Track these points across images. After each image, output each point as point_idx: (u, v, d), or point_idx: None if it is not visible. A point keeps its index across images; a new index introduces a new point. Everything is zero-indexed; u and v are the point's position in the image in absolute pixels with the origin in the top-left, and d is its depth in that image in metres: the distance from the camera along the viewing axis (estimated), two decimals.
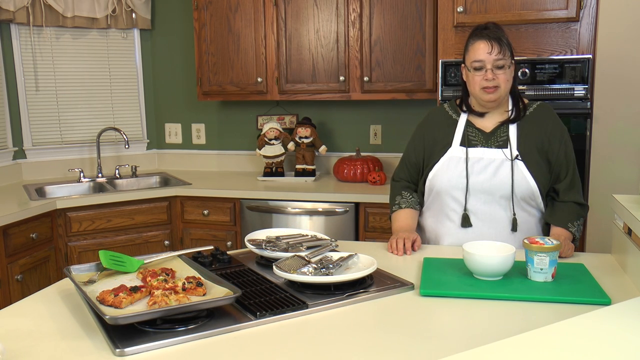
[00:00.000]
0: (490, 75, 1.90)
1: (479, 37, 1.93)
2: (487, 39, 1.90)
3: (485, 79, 1.91)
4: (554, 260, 1.59)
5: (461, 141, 2.02)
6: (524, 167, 1.94)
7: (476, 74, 1.93)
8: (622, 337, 1.05)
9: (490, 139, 1.99)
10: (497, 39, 1.90)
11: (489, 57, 1.90)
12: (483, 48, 1.91)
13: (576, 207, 1.97)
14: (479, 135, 2.01)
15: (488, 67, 1.90)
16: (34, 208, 2.89)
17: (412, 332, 1.33)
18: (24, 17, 3.53)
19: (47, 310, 1.48)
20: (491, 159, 1.97)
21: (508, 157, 1.96)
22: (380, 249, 2.01)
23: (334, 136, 3.81)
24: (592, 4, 2.61)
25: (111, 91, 3.97)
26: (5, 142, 3.63)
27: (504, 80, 1.92)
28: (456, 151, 2.01)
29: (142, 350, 1.24)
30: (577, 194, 1.99)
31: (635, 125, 2.61)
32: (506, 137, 1.98)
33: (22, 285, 2.81)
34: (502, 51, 1.89)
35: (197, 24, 3.56)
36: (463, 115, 2.05)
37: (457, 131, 2.04)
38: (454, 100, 2.13)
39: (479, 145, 2.00)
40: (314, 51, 3.39)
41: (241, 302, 1.46)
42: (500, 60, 1.90)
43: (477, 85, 1.94)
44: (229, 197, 3.29)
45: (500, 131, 2.00)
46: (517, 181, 1.94)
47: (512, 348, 1.01)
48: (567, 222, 1.94)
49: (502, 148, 1.97)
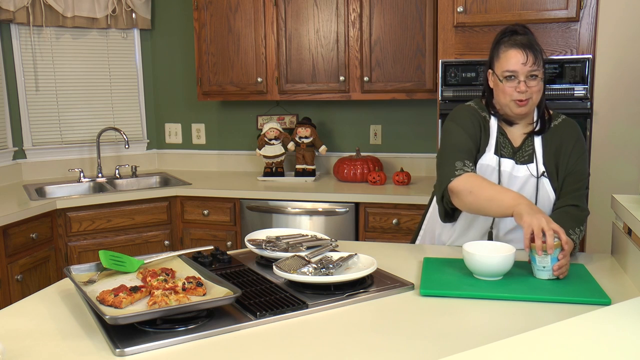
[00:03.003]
0: (524, 87, 1.79)
1: (512, 45, 1.81)
2: (522, 48, 1.78)
3: (518, 91, 1.80)
4: (555, 258, 1.59)
5: (495, 149, 1.90)
6: (548, 184, 1.86)
7: (507, 85, 1.81)
8: (622, 337, 1.05)
9: (517, 153, 1.90)
10: (531, 47, 1.79)
11: (524, 68, 1.78)
12: (518, 58, 1.79)
13: (576, 212, 1.83)
14: (508, 147, 1.91)
15: (521, 78, 1.79)
16: (34, 208, 2.89)
17: (412, 332, 1.33)
18: (24, 17, 3.53)
19: (47, 310, 1.48)
20: (516, 176, 1.87)
21: (534, 174, 1.87)
22: (380, 249, 2.01)
23: (334, 136, 3.81)
24: (592, 4, 2.61)
25: (111, 91, 3.97)
26: (5, 142, 3.63)
27: (537, 91, 1.81)
28: (490, 159, 1.89)
29: (142, 350, 1.24)
30: (579, 199, 1.87)
31: (635, 125, 2.61)
32: (531, 151, 1.89)
33: (22, 285, 2.81)
34: (536, 61, 1.78)
35: (197, 24, 3.56)
36: (494, 120, 1.93)
37: (491, 136, 1.91)
38: (479, 100, 1.99)
39: (509, 157, 1.89)
40: (314, 51, 3.39)
41: (241, 302, 1.46)
42: (535, 71, 1.79)
43: (508, 97, 1.83)
44: (229, 197, 3.29)
45: (526, 145, 1.90)
46: (541, 199, 1.86)
47: (512, 348, 1.01)
48: (567, 229, 1.76)
49: (527, 164, 1.88)
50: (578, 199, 1.86)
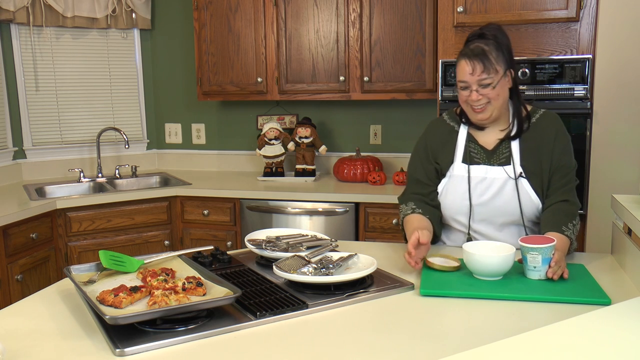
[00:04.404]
0: (475, 96, 1.79)
1: (462, 55, 1.81)
2: (469, 59, 1.77)
3: (469, 100, 1.81)
4: (547, 258, 1.59)
5: (463, 158, 1.91)
6: (527, 184, 1.85)
7: (462, 93, 1.83)
8: (622, 337, 1.05)
9: (493, 157, 1.88)
10: (480, 56, 1.76)
11: (472, 78, 1.77)
12: (465, 69, 1.79)
13: (567, 207, 1.82)
14: (481, 153, 1.90)
15: (473, 87, 1.78)
16: (34, 208, 2.89)
17: (412, 332, 1.33)
18: (24, 17, 3.53)
19: (47, 310, 1.48)
20: (493, 178, 1.86)
21: (511, 175, 1.85)
22: (380, 249, 2.01)
23: (334, 136, 3.81)
24: (592, 4, 2.61)
25: (111, 91, 3.97)
26: (5, 142, 3.63)
27: (494, 96, 1.79)
28: (459, 169, 1.90)
29: (142, 350, 1.24)
30: (567, 193, 1.84)
31: (635, 125, 2.61)
32: (509, 154, 1.87)
33: (22, 285, 2.81)
34: (486, 69, 1.76)
35: (197, 24, 3.56)
36: (463, 128, 1.94)
37: (458, 146, 1.93)
38: (452, 110, 2.01)
39: (481, 162, 1.89)
40: (314, 51, 3.39)
41: (241, 302, 1.46)
42: (485, 80, 1.77)
43: (464, 105, 1.85)
44: (229, 197, 3.29)
45: (503, 147, 1.88)
46: (522, 200, 1.84)
47: (512, 348, 1.01)
48: (560, 226, 1.77)
49: (504, 165, 1.86)
50: (567, 194, 1.84)
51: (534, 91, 2.69)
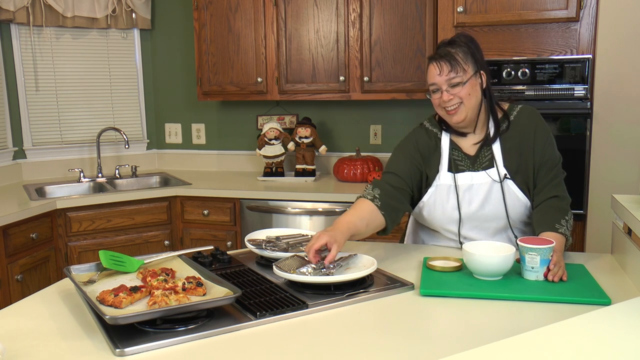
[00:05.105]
0: (446, 97, 1.78)
1: (430, 59, 1.82)
2: (436, 61, 1.79)
3: (441, 101, 1.80)
4: (545, 259, 1.59)
5: (448, 167, 1.89)
6: (514, 185, 1.83)
7: (434, 97, 1.83)
8: (622, 337, 1.05)
9: (476, 162, 1.87)
10: (446, 57, 1.77)
11: (440, 78, 1.78)
12: (433, 71, 1.80)
13: (558, 203, 1.80)
14: (465, 159, 1.88)
15: (443, 88, 1.78)
16: (34, 208, 2.89)
17: (412, 332, 1.33)
18: (24, 17, 3.53)
19: (47, 310, 1.48)
20: (479, 184, 1.84)
21: (495, 178, 1.83)
22: (380, 249, 2.01)
23: (334, 136, 3.81)
24: (592, 4, 2.61)
25: (111, 91, 3.97)
26: (5, 142, 3.63)
27: (465, 94, 1.78)
28: (445, 178, 1.88)
29: (142, 350, 1.24)
30: (556, 188, 1.83)
31: (635, 125, 2.61)
32: (491, 156, 1.85)
33: (22, 285, 2.81)
34: (453, 69, 1.77)
35: (197, 24, 3.56)
36: (445, 135, 1.92)
37: (442, 155, 1.90)
38: (432, 117, 1.98)
39: (466, 169, 1.87)
40: (314, 51, 3.39)
41: (241, 302, 1.46)
42: (454, 79, 1.77)
43: (438, 108, 1.84)
44: (229, 197, 3.29)
45: (485, 151, 1.87)
46: (509, 202, 1.83)
47: (512, 348, 1.01)
48: (553, 224, 1.75)
49: (487, 169, 1.85)
50: (556, 188, 1.83)
51: (534, 91, 2.69)
